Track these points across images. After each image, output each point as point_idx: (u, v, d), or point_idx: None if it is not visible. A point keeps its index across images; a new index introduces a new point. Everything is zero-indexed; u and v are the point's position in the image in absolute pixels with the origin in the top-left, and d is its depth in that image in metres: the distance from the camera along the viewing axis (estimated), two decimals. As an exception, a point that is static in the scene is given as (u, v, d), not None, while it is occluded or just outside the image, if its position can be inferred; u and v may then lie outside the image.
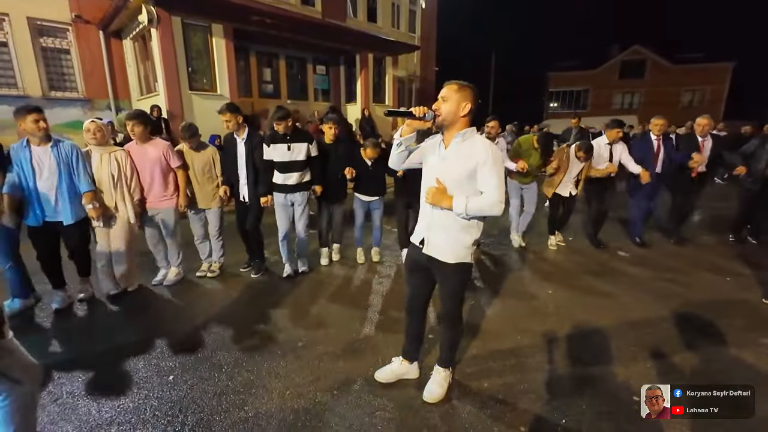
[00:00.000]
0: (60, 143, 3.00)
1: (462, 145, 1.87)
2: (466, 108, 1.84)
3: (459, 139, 1.87)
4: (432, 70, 17.19)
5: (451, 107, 1.83)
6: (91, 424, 1.99)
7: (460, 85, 1.83)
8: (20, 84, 8.20)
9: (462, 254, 1.95)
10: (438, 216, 1.95)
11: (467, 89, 1.83)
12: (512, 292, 3.64)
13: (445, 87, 1.87)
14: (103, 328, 3.01)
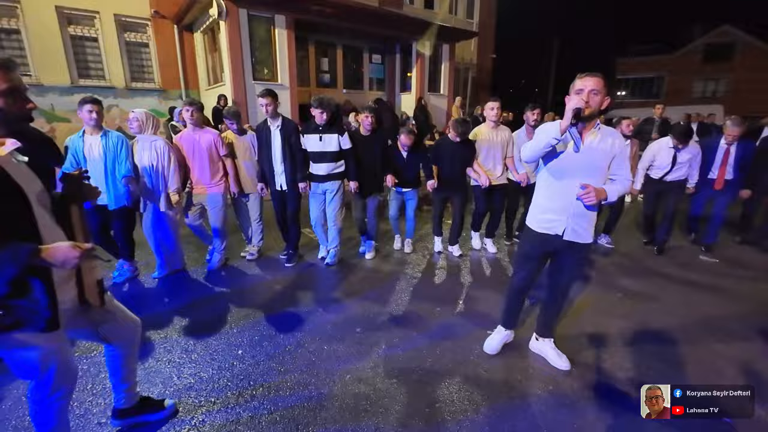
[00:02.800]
0: (108, 133, 3.21)
1: (599, 135, 2.01)
2: (607, 101, 1.94)
3: (596, 130, 2.01)
4: (489, 58, 16.52)
5: (601, 100, 1.91)
6: (173, 388, 2.17)
7: (604, 78, 1.90)
8: (107, 75, 9.02)
9: (593, 233, 2.19)
10: (578, 205, 2.07)
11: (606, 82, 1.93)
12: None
13: (593, 79, 1.89)
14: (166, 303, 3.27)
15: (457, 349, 2.56)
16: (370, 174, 3.93)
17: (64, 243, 1.27)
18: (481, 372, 2.34)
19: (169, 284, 3.56)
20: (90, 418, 1.93)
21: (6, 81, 1.24)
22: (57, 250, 1.24)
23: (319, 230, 4.01)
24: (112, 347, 1.71)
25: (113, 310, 1.66)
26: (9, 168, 1.28)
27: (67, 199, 1.50)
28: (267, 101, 3.50)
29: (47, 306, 1.31)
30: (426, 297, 3.33)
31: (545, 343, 2.47)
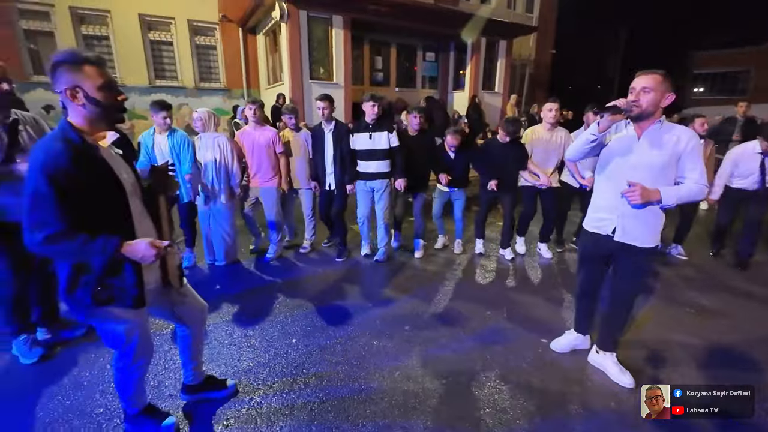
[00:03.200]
0: (175, 133, 3.46)
1: (661, 133, 1.92)
2: (670, 98, 1.87)
3: (658, 126, 1.92)
4: (548, 53, 15.76)
5: (655, 98, 1.85)
6: (233, 369, 2.32)
7: (663, 75, 1.85)
8: (179, 76, 9.80)
9: (657, 238, 2.06)
10: (627, 203, 1.98)
11: (669, 79, 1.86)
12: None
13: (644, 76, 1.87)
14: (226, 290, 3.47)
15: (509, 355, 2.49)
16: (417, 173, 3.94)
17: (143, 241, 1.39)
18: (534, 380, 2.25)
19: (227, 272, 3.80)
20: (163, 390, 2.12)
21: (102, 76, 1.38)
22: (137, 248, 1.37)
23: (365, 228, 4.07)
24: (184, 327, 1.86)
25: (187, 293, 1.81)
26: (110, 160, 1.44)
27: (154, 190, 1.65)
28: (324, 105, 3.69)
29: (135, 285, 1.46)
30: (475, 299, 3.26)
31: (606, 357, 2.33)
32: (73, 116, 1.39)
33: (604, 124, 1.91)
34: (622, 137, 2.02)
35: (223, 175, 3.58)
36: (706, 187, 1.91)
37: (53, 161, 1.27)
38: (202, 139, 3.59)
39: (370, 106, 3.63)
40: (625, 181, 1.93)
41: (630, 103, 1.86)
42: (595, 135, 1.97)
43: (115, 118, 1.48)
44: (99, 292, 1.42)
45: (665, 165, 1.91)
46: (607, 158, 2.08)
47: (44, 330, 2.52)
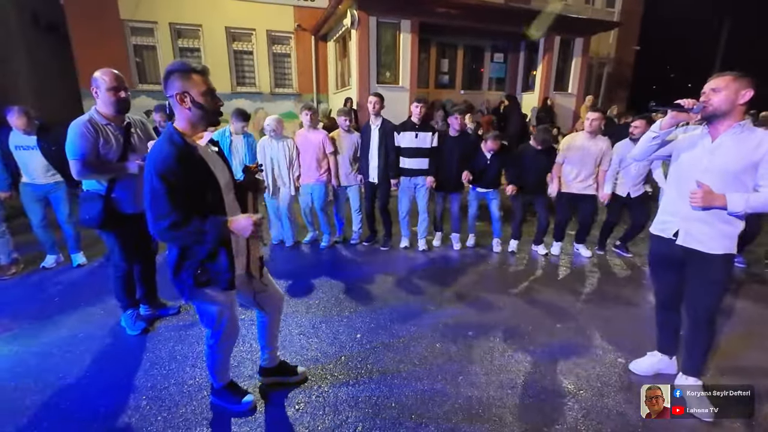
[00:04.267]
0: (249, 136, 4.14)
1: (741, 137, 1.82)
2: (747, 95, 1.77)
3: (737, 130, 1.82)
4: (631, 50, 14.48)
5: (726, 97, 1.79)
6: (302, 357, 2.46)
7: (735, 76, 1.79)
8: (257, 83, 10.57)
9: (728, 244, 1.90)
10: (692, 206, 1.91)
11: (744, 79, 1.78)
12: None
13: (715, 78, 1.82)
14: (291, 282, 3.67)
15: (580, 372, 2.35)
16: (454, 174, 4.12)
17: (242, 215, 1.61)
18: (610, 402, 2.10)
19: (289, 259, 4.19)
20: (242, 370, 2.32)
21: (206, 83, 1.58)
22: (239, 221, 1.57)
23: (406, 222, 4.33)
24: (263, 314, 2.02)
25: (268, 282, 1.97)
26: (207, 157, 1.62)
27: (245, 187, 1.82)
28: (376, 100, 4.06)
29: (228, 269, 1.63)
30: (538, 305, 3.14)
31: (688, 382, 2.10)
32: (178, 119, 1.59)
33: (667, 121, 1.90)
34: (695, 139, 1.95)
35: (289, 170, 4.13)
36: None
37: (163, 162, 1.46)
38: (274, 141, 4.12)
39: (415, 107, 3.98)
40: (693, 184, 1.88)
41: (698, 103, 1.82)
42: (656, 132, 1.95)
43: (212, 121, 1.66)
44: (200, 275, 1.60)
45: (741, 171, 1.80)
46: (677, 160, 2.01)
47: (146, 307, 2.88)
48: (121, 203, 2.45)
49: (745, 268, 4.03)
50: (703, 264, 1.94)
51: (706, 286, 1.96)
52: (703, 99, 1.83)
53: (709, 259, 1.91)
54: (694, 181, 1.89)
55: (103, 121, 2.37)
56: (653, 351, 2.35)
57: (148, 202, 1.49)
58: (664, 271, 2.15)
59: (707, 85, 1.84)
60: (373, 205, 4.40)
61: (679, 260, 2.02)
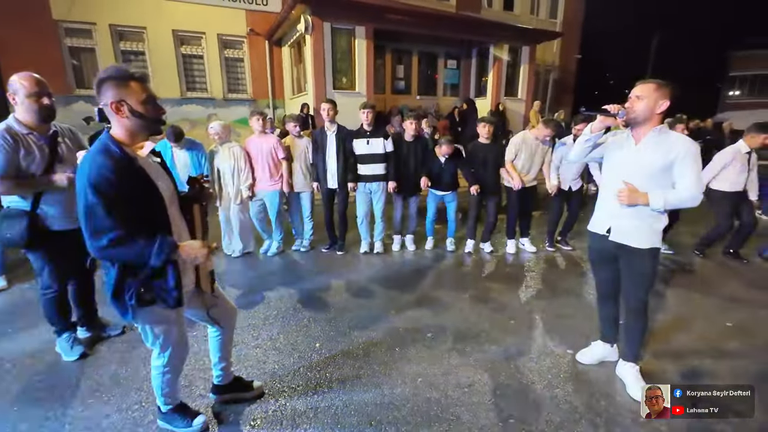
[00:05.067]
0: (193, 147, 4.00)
1: (658, 140, 1.97)
2: (663, 105, 1.93)
3: (655, 134, 1.97)
4: (573, 59, 15.49)
5: (647, 105, 1.93)
6: (259, 371, 2.38)
7: (658, 84, 1.93)
8: (209, 88, 10.19)
9: (654, 239, 2.05)
10: (619, 204, 2.04)
11: (665, 88, 1.93)
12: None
13: (639, 86, 1.96)
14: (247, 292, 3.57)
15: (533, 366, 2.45)
16: (411, 177, 4.23)
17: (195, 242, 1.53)
18: (560, 393, 2.21)
19: (246, 268, 4.08)
20: (193, 390, 2.21)
21: (145, 91, 1.49)
22: (190, 248, 1.50)
23: (364, 226, 4.37)
24: (216, 329, 1.94)
25: (219, 296, 1.89)
26: (148, 168, 1.54)
27: (190, 199, 1.75)
28: (329, 106, 4.05)
29: (175, 286, 1.55)
30: (494, 304, 3.24)
31: (626, 367, 2.27)
32: (115, 128, 1.50)
33: (596, 125, 2.06)
34: (621, 142, 2.10)
35: (237, 178, 4.00)
36: (700, 196, 1.92)
37: (98, 173, 1.37)
38: (220, 148, 3.99)
39: (362, 113, 4.03)
40: (620, 183, 2.03)
41: (622, 109, 1.96)
42: (588, 136, 2.10)
43: (154, 130, 1.58)
44: (143, 293, 1.51)
45: (660, 171, 1.95)
46: (607, 161, 2.17)
47: (84, 329, 2.67)
48: (49, 220, 2.26)
49: (673, 254, 4.40)
50: (632, 258, 2.09)
51: (637, 278, 2.11)
52: (628, 105, 1.98)
53: (638, 253, 2.06)
54: (621, 180, 2.04)
55: (24, 131, 2.17)
56: (597, 340, 2.50)
57: (84, 217, 1.38)
58: (601, 265, 2.30)
59: (633, 91, 1.99)
60: (331, 210, 4.38)
61: (613, 255, 2.17)
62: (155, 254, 1.41)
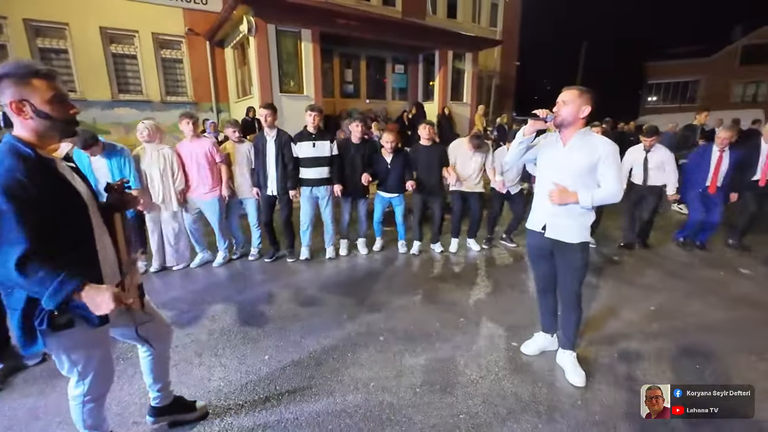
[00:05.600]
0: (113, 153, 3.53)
1: (583, 142, 2.12)
2: (586, 111, 2.08)
3: (580, 136, 2.13)
4: (513, 65, 16.40)
5: (572, 110, 2.07)
6: (203, 389, 2.25)
7: (581, 91, 2.08)
8: (144, 90, 9.53)
9: (584, 234, 2.19)
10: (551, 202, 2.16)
11: (587, 94, 2.08)
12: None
13: (565, 92, 2.11)
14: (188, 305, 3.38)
15: (481, 361, 2.53)
16: (358, 179, 4.15)
17: (106, 293, 1.26)
18: (506, 384, 2.30)
19: (182, 280, 3.83)
20: (127, 417, 2.03)
21: (51, 89, 1.33)
22: (96, 298, 1.25)
23: (307, 233, 4.27)
24: (149, 348, 1.80)
25: (151, 312, 1.76)
26: (64, 171, 1.40)
27: (110, 208, 1.60)
28: (268, 112, 3.87)
29: None
30: (445, 304, 3.32)
31: (565, 355, 2.42)
32: (20, 130, 1.33)
33: (528, 129, 2.18)
34: (552, 144, 2.23)
35: (170, 183, 3.75)
36: (621, 192, 2.08)
37: (8, 176, 1.21)
38: (147, 150, 3.70)
39: (309, 116, 3.92)
40: (551, 183, 2.17)
41: (550, 113, 2.08)
42: (521, 139, 2.21)
43: (66, 132, 1.42)
44: (57, 317, 1.34)
45: (585, 170, 2.09)
46: (540, 162, 2.29)
47: (-5, 361, 2.36)
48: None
49: (597, 248, 4.71)
50: (566, 252, 2.23)
51: (570, 271, 2.25)
52: (555, 109, 2.11)
53: (570, 247, 2.20)
54: (551, 179, 2.18)
55: None
56: (539, 332, 2.64)
57: None
58: (539, 261, 2.43)
59: (560, 96, 2.12)
60: (272, 218, 4.24)
61: (549, 250, 2.30)
62: (50, 295, 1.20)
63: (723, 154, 4.25)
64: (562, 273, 2.29)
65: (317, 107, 4.01)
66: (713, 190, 4.35)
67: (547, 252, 2.32)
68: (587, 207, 2.11)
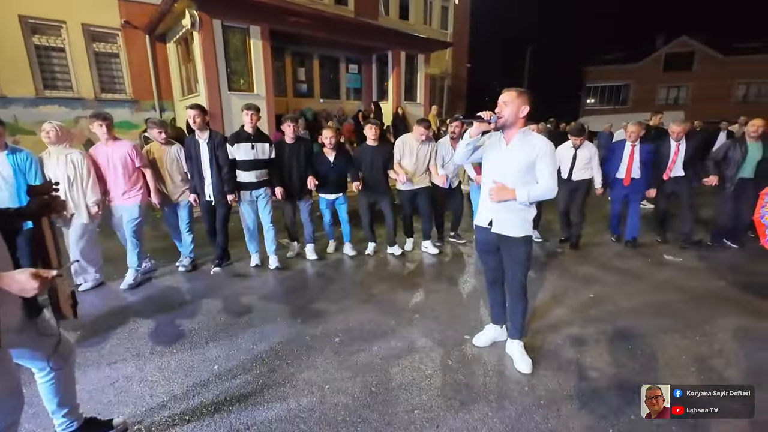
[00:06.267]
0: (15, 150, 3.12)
1: (523, 141, 2.21)
2: (525, 111, 2.18)
3: (521, 135, 2.22)
4: (464, 67, 16.93)
5: (512, 110, 2.16)
6: (145, 408, 2.11)
7: (519, 92, 2.17)
8: (75, 86, 8.75)
9: (526, 228, 2.30)
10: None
11: (525, 95, 2.17)
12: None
13: (504, 93, 2.19)
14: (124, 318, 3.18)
15: (435, 356, 2.59)
16: (298, 180, 4.10)
17: (24, 272, 1.21)
18: (459, 377, 2.37)
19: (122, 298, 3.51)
20: (55, 444, 1.85)
21: None
22: (16, 279, 1.19)
23: (252, 237, 4.11)
24: (49, 371, 1.62)
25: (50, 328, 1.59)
26: None
27: (36, 213, 1.44)
28: (195, 113, 3.61)
29: None
30: (399, 303, 3.36)
31: (513, 345, 2.53)
32: None
33: (473, 130, 2.25)
34: (495, 143, 2.32)
35: (80, 192, 3.38)
36: (555, 188, 2.19)
37: None
38: (52, 154, 3.33)
39: (245, 114, 3.74)
40: (495, 181, 2.26)
41: (493, 115, 2.17)
42: (468, 140, 2.29)
43: None
44: None
45: (526, 167, 2.20)
46: (485, 161, 2.38)
47: None
48: None
49: (542, 242, 4.99)
50: (510, 246, 2.33)
51: (515, 264, 2.36)
52: (497, 111, 2.20)
53: (514, 241, 2.30)
54: (494, 176, 2.27)
55: None
56: (489, 324, 2.75)
57: None
58: (487, 255, 2.52)
59: (500, 98, 2.21)
60: (213, 224, 4.02)
61: (496, 245, 2.40)
62: None
63: (635, 149, 4.53)
64: (509, 266, 2.39)
65: (254, 106, 3.81)
66: (627, 182, 4.62)
67: (493, 246, 2.41)
68: (525, 203, 2.22)
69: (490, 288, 2.64)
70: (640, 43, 26.15)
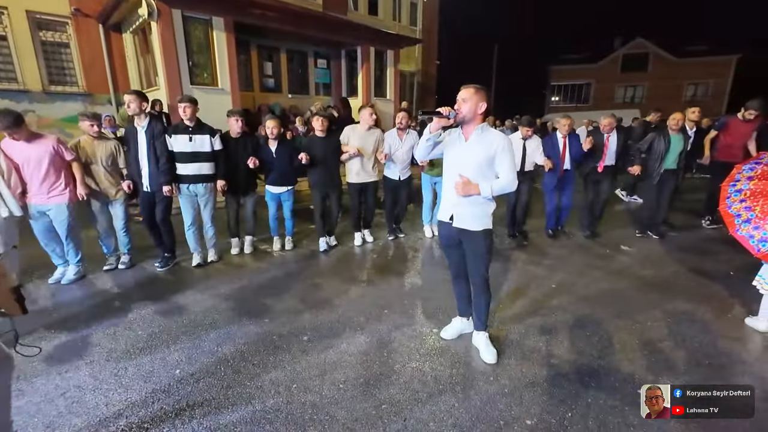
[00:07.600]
0: None
1: (482, 136, 2.25)
2: (483, 107, 2.22)
3: (479, 131, 2.26)
4: (434, 64, 17.06)
5: (470, 106, 2.20)
6: (100, 418, 2.00)
7: (476, 88, 2.20)
8: (20, 78, 8.14)
9: (486, 221, 2.34)
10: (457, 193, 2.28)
11: (482, 91, 2.21)
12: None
13: (463, 90, 2.23)
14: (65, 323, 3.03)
15: (404, 350, 2.61)
16: (244, 175, 4.07)
17: None
18: (426, 369, 2.40)
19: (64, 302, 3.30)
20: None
21: None
22: None
23: (192, 234, 3.98)
24: None
25: None
26: None
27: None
28: (131, 98, 3.50)
29: None
30: (369, 296, 3.36)
31: (479, 336, 2.59)
32: None
33: (434, 126, 2.27)
34: (455, 139, 2.35)
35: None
36: (515, 181, 2.24)
37: None
38: None
39: (180, 107, 3.64)
40: (457, 176, 2.27)
41: (452, 111, 2.20)
42: (428, 135, 2.30)
43: None
44: None
45: (485, 162, 2.23)
46: (446, 157, 2.40)
47: None
48: None
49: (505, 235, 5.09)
50: (472, 239, 2.37)
51: (476, 257, 2.41)
52: (456, 107, 2.23)
53: (476, 235, 2.35)
54: (456, 171, 2.30)
55: None
56: (456, 317, 2.80)
57: None
58: (450, 249, 2.55)
59: (459, 94, 2.24)
60: (152, 217, 3.86)
61: (458, 239, 2.44)
62: None
63: (566, 140, 4.72)
64: (471, 260, 2.44)
65: (187, 97, 3.70)
66: (562, 173, 4.80)
67: (456, 241, 2.45)
68: (488, 197, 2.27)
69: (454, 282, 2.69)
70: (600, 44, 27.35)
